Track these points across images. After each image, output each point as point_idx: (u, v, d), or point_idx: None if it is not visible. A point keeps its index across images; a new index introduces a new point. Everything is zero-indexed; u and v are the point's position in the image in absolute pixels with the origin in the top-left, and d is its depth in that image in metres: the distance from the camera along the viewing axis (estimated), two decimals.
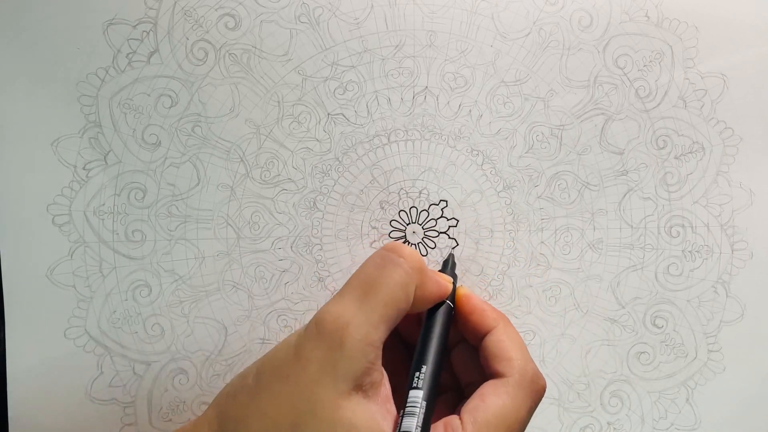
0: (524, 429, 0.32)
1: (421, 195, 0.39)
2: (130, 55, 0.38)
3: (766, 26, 0.39)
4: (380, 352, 0.29)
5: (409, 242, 0.39)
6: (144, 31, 0.38)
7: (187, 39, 0.38)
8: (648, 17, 0.39)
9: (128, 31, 0.38)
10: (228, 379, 0.39)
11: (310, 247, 0.39)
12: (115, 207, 0.38)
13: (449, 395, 0.35)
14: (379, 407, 0.29)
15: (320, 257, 0.39)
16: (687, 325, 0.40)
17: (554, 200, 0.40)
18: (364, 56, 0.38)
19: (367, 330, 0.28)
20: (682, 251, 0.40)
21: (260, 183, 0.39)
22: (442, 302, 0.33)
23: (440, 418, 0.31)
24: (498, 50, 0.39)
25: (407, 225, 0.39)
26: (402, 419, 0.29)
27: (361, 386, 0.28)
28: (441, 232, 0.39)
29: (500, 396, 0.31)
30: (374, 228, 0.39)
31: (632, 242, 0.40)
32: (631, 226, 0.40)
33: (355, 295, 0.30)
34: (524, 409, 0.31)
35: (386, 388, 0.30)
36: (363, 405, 0.28)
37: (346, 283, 0.31)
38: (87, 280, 0.38)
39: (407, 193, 0.39)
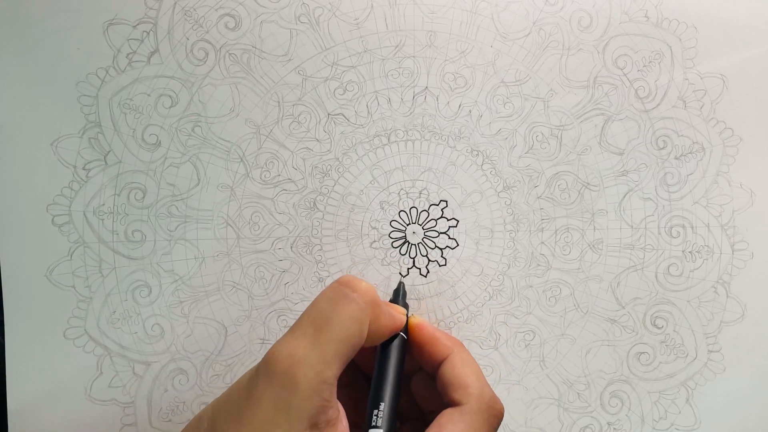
0: None
1: (421, 195, 0.39)
2: (130, 55, 0.38)
3: (766, 26, 0.39)
4: (335, 389, 0.29)
5: (409, 242, 0.39)
6: (144, 31, 0.38)
7: (187, 39, 0.38)
8: (648, 18, 0.39)
9: (128, 31, 0.38)
10: (228, 380, 0.39)
11: (310, 248, 0.39)
12: (115, 207, 0.38)
13: (412, 424, 0.35)
14: None
15: (320, 257, 0.39)
16: (687, 326, 0.40)
17: (554, 200, 0.40)
18: (364, 56, 0.38)
19: (320, 368, 0.28)
20: (683, 251, 0.40)
21: (260, 183, 0.39)
22: (396, 334, 0.33)
23: None
24: (498, 50, 0.39)
25: (407, 225, 0.39)
26: None
27: (316, 425, 0.28)
28: (441, 233, 0.39)
29: (457, 425, 0.31)
30: (374, 228, 0.39)
31: (632, 242, 0.40)
32: (632, 227, 0.40)
33: (308, 331, 0.29)
34: None
35: (343, 424, 0.29)
36: None
37: (298, 320, 0.30)
38: (87, 281, 0.38)
39: (407, 193, 0.39)
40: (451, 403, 0.32)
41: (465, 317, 0.39)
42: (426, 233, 0.39)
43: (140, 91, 0.38)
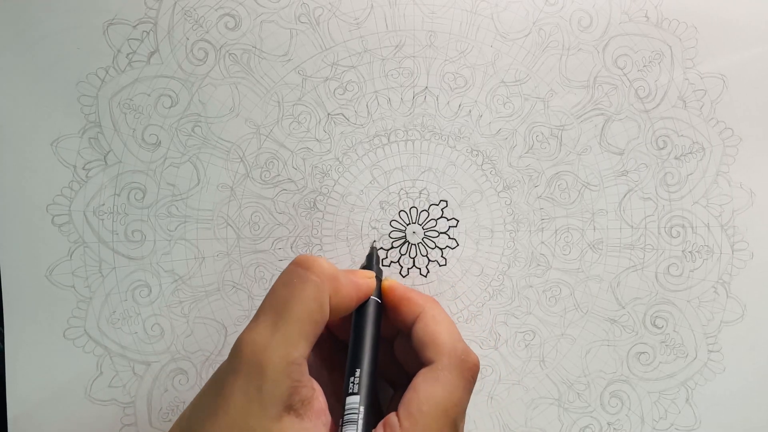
0: (464, 410, 0.31)
1: (421, 195, 0.39)
2: (130, 55, 0.38)
3: (766, 26, 0.39)
4: (305, 369, 0.29)
5: (409, 242, 0.39)
6: (144, 31, 0.38)
7: (187, 39, 0.38)
8: (648, 18, 0.39)
9: (128, 31, 0.38)
10: None
11: (310, 248, 0.39)
12: (115, 207, 0.38)
13: (402, 392, 0.35)
14: (313, 423, 0.28)
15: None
16: (687, 326, 0.40)
17: (554, 200, 0.40)
18: (364, 56, 0.38)
19: (285, 350, 0.28)
20: (683, 251, 0.40)
21: (260, 183, 0.39)
22: (368, 300, 0.33)
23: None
24: (498, 50, 0.39)
25: (407, 225, 0.39)
26: (341, 429, 0.28)
27: (291, 406, 0.28)
28: (441, 233, 0.39)
29: (430, 383, 0.30)
30: (374, 228, 0.39)
31: (632, 242, 0.40)
32: (632, 227, 0.40)
33: (268, 317, 0.29)
34: (458, 392, 0.31)
35: (320, 401, 0.29)
36: (296, 425, 0.28)
37: (258, 308, 0.30)
38: (86, 281, 0.38)
39: (407, 193, 0.39)
40: (425, 362, 0.32)
41: (465, 317, 0.39)
42: (426, 233, 0.39)
43: (140, 91, 0.38)
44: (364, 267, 0.37)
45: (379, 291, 0.34)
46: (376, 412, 0.30)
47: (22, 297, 0.38)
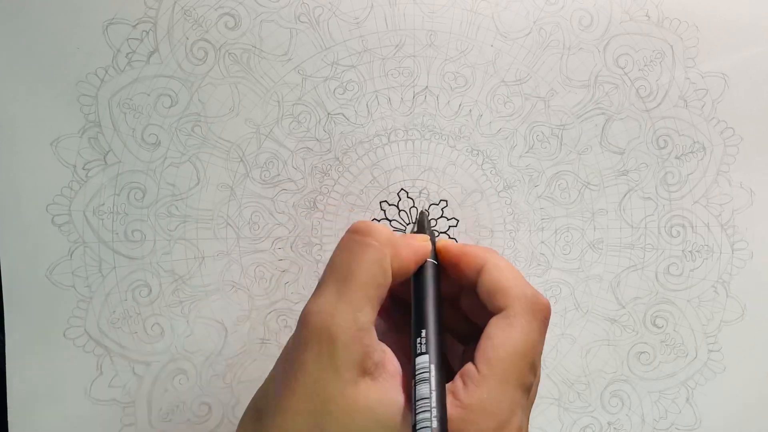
0: (540, 352, 0.31)
1: (421, 195, 0.39)
2: (130, 55, 0.38)
3: (767, 26, 0.39)
4: (374, 333, 0.29)
5: None
6: (144, 30, 0.38)
7: (187, 39, 0.38)
8: (648, 17, 0.39)
9: (128, 31, 0.37)
10: (227, 380, 0.39)
11: (310, 247, 0.39)
12: (115, 207, 0.38)
13: (474, 345, 0.35)
14: (390, 384, 0.28)
15: (320, 257, 0.39)
16: (687, 325, 0.40)
17: (554, 200, 0.39)
18: (364, 56, 0.38)
19: (353, 316, 0.28)
20: (683, 251, 0.40)
21: (260, 183, 0.39)
22: (425, 263, 0.33)
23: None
24: (498, 50, 0.39)
25: (407, 225, 0.39)
26: (415, 388, 0.28)
27: (366, 370, 0.28)
28: (441, 232, 0.39)
29: (505, 330, 0.30)
30: None
31: (632, 242, 0.40)
32: (632, 226, 0.40)
33: (333, 286, 0.29)
34: (533, 334, 0.30)
35: (393, 363, 0.29)
36: (373, 387, 0.28)
37: (320, 278, 0.30)
38: (86, 280, 0.38)
39: (407, 193, 0.39)
40: (496, 311, 0.31)
41: None
42: None
43: (140, 91, 0.38)
44: (415, 232, 0.36)
45: (435, 253, 0.34)
46: (446, 368, 0.30)
47: (23, 297, 0.38)
